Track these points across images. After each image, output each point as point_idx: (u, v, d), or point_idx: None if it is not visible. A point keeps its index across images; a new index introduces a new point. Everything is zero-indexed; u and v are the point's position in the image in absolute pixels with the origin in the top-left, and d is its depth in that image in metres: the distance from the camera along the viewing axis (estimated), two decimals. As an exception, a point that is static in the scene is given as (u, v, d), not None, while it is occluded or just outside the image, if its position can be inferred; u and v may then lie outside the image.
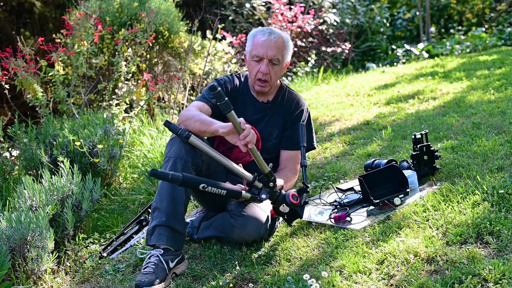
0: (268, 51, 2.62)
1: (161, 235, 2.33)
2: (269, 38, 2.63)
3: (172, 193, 2.36)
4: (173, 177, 2.13)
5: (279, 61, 2.66)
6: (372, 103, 5.15)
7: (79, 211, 3.10)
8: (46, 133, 4.02)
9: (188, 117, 2.47)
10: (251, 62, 2.68)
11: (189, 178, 2.19)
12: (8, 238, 2.49)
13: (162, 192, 2.38)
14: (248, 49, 2.70)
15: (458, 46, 8.36)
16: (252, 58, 2.66)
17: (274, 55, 2.63)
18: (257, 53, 2.63)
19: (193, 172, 2.41)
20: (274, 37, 2.64)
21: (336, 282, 2.00)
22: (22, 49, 4.45)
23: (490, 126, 3.51)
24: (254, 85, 2.70)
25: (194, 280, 2.27)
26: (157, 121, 5.48)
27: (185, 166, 2.38)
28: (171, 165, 2.38)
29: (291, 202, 2.43)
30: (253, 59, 2.65)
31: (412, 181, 2.73)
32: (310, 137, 2.82)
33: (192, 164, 2.40)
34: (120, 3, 6.18)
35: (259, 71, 2.64)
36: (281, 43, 2.66)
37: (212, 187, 2.24)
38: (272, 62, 2.64)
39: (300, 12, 7.55)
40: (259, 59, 2.63)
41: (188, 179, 2.19)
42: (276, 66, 2.65)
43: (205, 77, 6.53)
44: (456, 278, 1.85)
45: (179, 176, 2.15)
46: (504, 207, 2.24)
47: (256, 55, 2.64)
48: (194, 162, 2.41)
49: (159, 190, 2.39)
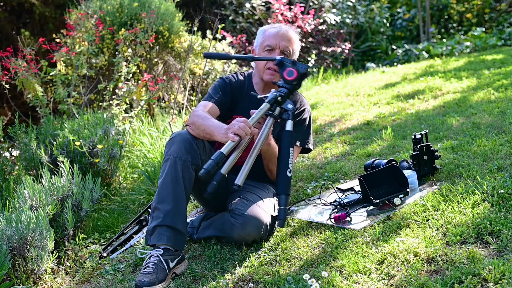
0: (280, 41, 2.69)
1: (161, 235, 2.33)
2: (281, 30, 2.72)
3: (173, 192, 2.36)
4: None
5: (290, 53, 2.72)
6: (372, 103, 5.15)
7: (79, 211, 3.10)
8: (46, 133, 4.02)
9: (193, 122, 2.49)
10: (261, 54, 2.72)
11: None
12: (8, 238, 2.49)
13: (162, 191, 2.38)
14: (259, 42, 2.76)
15: (458, 46, 8.36)
16: (263, 49, 2.71)
17: (286, 46, 2.70)
18: (269, 43, 2.70)
19: (192, 172, 2.42)
20: (285, 30, 2.73)
21: (336, 282, 2.00)
22: (23, 49, 4.45)
23: (490, 126, 3.51)
24: (263, 76, 2.72)
25: (194, 280, 2.27)
26: (157, 121, 5.47)
27: (185, 165, 2.38)
28: (170, 164, 2.38)
29: (284, 76, 2.40)
30: (264, 49, 2.71)
31: (412, 181, 2.74)
32: (307, 137, 2.81)
33: (191, 164, 2.40)
34: (120, 3, 6.18)
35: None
36: (292, 37, 2.74)
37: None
38: (284, 53, 2.69)
39: (300, 12, 7.54)
40: (271, 49, 2.69)
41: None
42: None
43: (205, 77, 6.53)
44: (456, 278, 1.85)
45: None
46: (504, 207, 2.24)
47: (269, 45, 2.69)
48: (193, 162, 2.41)
49: (159, 189, 2.39)
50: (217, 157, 2.21)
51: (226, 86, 2.73)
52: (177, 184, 2.36)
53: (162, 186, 2.38)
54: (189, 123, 2.52)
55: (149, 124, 5.02)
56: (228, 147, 2.26)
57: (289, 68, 2.40)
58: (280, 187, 2.34)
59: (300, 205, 2.87)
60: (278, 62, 2.44)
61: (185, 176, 2.38)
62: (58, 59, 4.63)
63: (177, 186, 2.36)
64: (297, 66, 2.42)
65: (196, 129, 2.44)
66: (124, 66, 4.75)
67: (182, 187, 2.37)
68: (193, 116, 2.51)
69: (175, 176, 2.37)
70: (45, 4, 8.53)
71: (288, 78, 2.39)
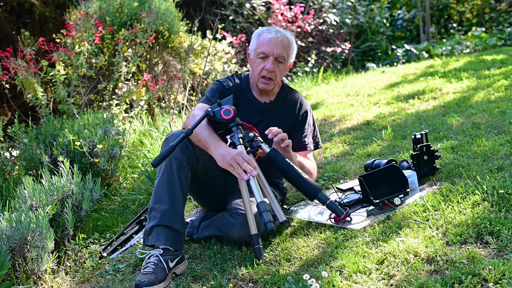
0: (274, 48, 2.64)
1: (159, 235, 2.32)
2: (275, 36, 2.66)
3: (169, 192, 2.35)
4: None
5: (284, 60, 2.68)
6: (372, 103, 5.15)
7: (79, 211, 3.10)
8: (46, 133, 4.02)
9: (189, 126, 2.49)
10: (255, 60, 2.68)
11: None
12: (8, 238, 2.49)
13: (159, 191, 2.37)
14: (253, 47, 2.71)
15: (458, 46, 8.36)
16: (257, 55, 2.67)
17: (280, 53, 2.65)
18: (263, 50, 2.65)
19: (188, 172, 2.42)
20: (280, 36, 2.67)
21: (336, 282, 2.00)
22: (23, 49, 4.45)
23: (490, 126, 3.51)
24: (257, 83, 2.70)
25: (194, 280, 2.27)
26: (157, 121, 5.47)
27: (180, 165, 2.38)
28: (166, 164, 2.38)
29: (222, 117, 2.38)
30: (258, 56, 2.66)
31: (412, 181, 2.73)
32: (316, 137, 2.85)
33: (187, 163, 2.40)
34: (120, 3, 6.18)
35: (264, 68, 2.65)
36: (287, 42, 2.69)
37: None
38: (278, 60, 2.66)
39: (300, 12, 7.54)
40: (265, 56, 2.65)
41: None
42: (281, 65, 2.67)
43: (205, 77, 6.53)
44: (456, 278, 1.85)
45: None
46: (504, 207, 2.24)
47: (262, 52, 2.65)
48: (189, 162, 2.41)
49: (156, 190, 2.39)
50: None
51: (224, 90, 2.70)
52: (173, 184, 2.36)
53: (158, 186, 2.38)
54: (185, 126, 2.51)
55: (149, 124, 5.02)
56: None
57: (225, 108, 2.38)
58: (310, 191, 2.41)
59: (300, 205, 2.87)
60: (206, 115, 2.40)
61: (181, 175, 2.38)
62: (57, 59, 4.63)
63: (173, 186, 2.36)
64: (224, 104, 2.41)
65: (193, 136, 2.43)
66: (124, 66, 4.75)
67: (178, 186, 2.37)
68: (190, 120, 2.50)
69: (171, 176, 2.37)
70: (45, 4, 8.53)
71: (226, 117, 2.38)
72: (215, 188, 2.64)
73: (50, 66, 4.79)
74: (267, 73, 2.64)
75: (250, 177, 2.29)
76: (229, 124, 2.40)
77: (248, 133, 2.42)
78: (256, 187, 2.30)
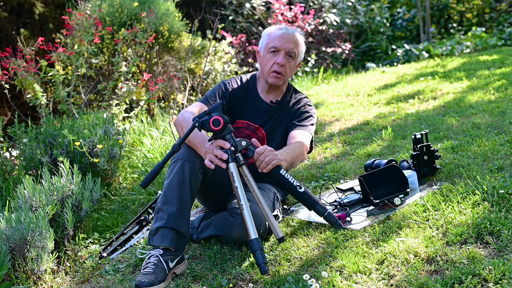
0: (286, 43, 2.67)
1: (164, 237, 2.32)
2: (287, 32, 2.71)
3: (178, 195, 2.34)
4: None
5: (295, 56, 2.71)
6: (372, 103, 5.15)
7: (79, 211, 3.10)
8: (46, 133, 4.02)
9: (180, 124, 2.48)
10: (266, 55, 2.70)
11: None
12: (8, 238, 2.49)
13: (169, 193, 2.36)
14: (264, 43, 2.74)
15: (458, 46, 8.36)
16: (268, 50, 2.69)
17: (292, 48, 2.68)
18: (274, 44, 2.68)
19: (199, 176, 2.41)
20: (291, 32, 2.72)
21: (336, 282, 2.00)
22: (22, 49, 4.45)
23: (490, 126, 3.51)
24: (267, 79, 2.71)
25: (194, 280, 2.27)
26: (157, 121, 5.47)
27: (193, 168, 2.37)
28: (178, 166, 2.37)
29: (211, 128, 2.27)
30: (269, 51, 2.69)
31: (412, 181, 2.73)
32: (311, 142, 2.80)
33: (199, 167, 2.39)
34: (120, 3, 6.18)
35: (275, 62, 2.67)
36: (298, 39, 2.73)
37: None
38: (289, 55, 2.68)
39: (300, 12, 7.54)
40: (276, 50, 2.67)
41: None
42: (291, 60, 2.70)
43: (205, 77, 6.53)
44: (456, 278, 1.85)
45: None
46: (504, 207, 2.24)
47: (274, 47, 2.68)
48: (201, 165, 2.39)
49: (165, 191, 2.38)
50: None
51: (226, 93, 2.71)
52: (183, 187, 2.35)
53: (169, 187, 2.37)
54: (176, 123, 2.51)
55: (149, 124, 5.02)
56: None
57: (213, 118, 2.27)
58: (307, 203, 2.41)
59: (300, 205, 2.87)
60: (193, 128, 2.29)
61: (192, 179, 2.37)
62: (56, 59, 4.63)
63: (183, 189, 2.35)
64: (212, 113, 2.29)
65: (182, 133, 2.43)
66: (124, 66, 4.74)
67: (188, 190, 2.36)
68: (180, 120, 2.49)
69: (182, 178, 2.36)
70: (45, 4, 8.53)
71: (216, 128, 2.27)
72: (221, 190, 2.64)
73: (50, 66, 4.79)
74: (278, 67, 2.66)
75: (245, 206, 2.26)
76: (220, 134, 2.32)
77: (241, 142, 2.33)
78: (250, 218, 2.24)
